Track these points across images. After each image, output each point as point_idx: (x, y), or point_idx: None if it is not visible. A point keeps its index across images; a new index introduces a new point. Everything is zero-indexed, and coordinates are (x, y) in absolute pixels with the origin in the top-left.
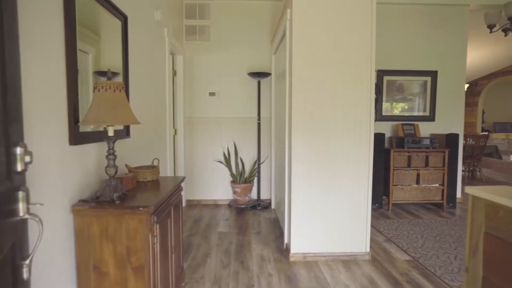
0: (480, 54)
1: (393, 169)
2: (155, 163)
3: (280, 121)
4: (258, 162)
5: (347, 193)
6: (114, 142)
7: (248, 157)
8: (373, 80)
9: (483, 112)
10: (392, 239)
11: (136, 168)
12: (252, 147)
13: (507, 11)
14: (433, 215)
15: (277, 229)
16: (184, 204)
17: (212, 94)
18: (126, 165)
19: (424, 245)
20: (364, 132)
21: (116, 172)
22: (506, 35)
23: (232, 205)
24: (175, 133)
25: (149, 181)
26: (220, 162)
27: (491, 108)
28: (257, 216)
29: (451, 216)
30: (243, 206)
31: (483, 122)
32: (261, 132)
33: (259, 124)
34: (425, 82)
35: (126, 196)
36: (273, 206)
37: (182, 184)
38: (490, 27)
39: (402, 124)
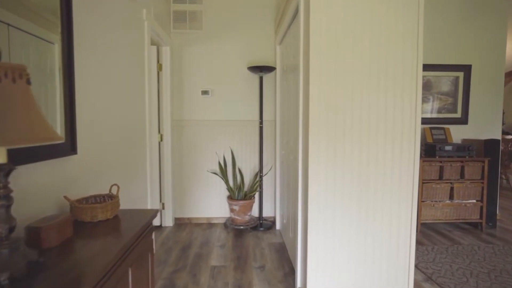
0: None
1: (422, 182)
2: (114, 190)
3: (287, 125)
4: (260, 174)
5: (384, 222)
6: (6, 174)
7: (248, 168)
8: (420, 78)
9: (503, 113)
10: (434, 277)
11: (80, 201)
12: (253, 156)
13: None
14: (473, 239)
15: (285, 261)
16: (171, 223)
17: (205, 92)
18: (65, 197)
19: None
20: (407, 143)
21: (11, 230)
22: None
23: (229, 226)
24: (161, 139)
25: (102, 221)
26: (215, 173)
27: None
28: (259, 240)
29: (494, 240)
30: (242, 227)
31: (503, 123)
32: (263, 138)
33: (261, 129)
34: (457, 78)
35: (41, 264)
36: (278, 226)
37: (168, 201)
38: None
39: (431, 128)
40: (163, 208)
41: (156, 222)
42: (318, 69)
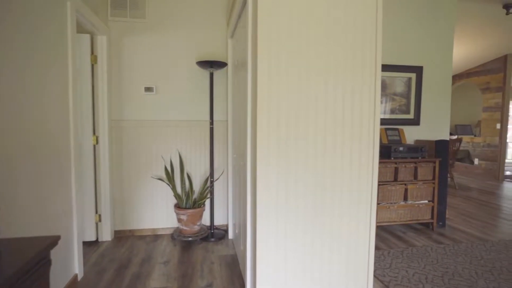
0: (455, 51)
1: (378, 184)
2: None
3: (238, 126)
4: (211, 179)
5: (342, 230)
6: None
7: (198, 173)
8: (379, 79)
9: None
10: (391, 286)
11: None
12: (203, 159)
13: None
14: (426, 240)
15: (236, 276)
16: (109, 237)
17: (149, 89)
18: None
19: None
20: (366, 145)
21: None
22: None
23: (176, 237)
24: (96, 142)
25: None
26: (161, 179)
27: (455, 110)
28: (209, 253)
29: (445, 240)
30: (190, 238)
31: None
32: (214, 140)
33: (211, 130)
34: (410, 79)
35: None
36: (230, 235)
37: (106, 212)
38: (507, 7)
39: (386, 129)
40: (100, 220)
41: (91, 237)
42: (267, 65)
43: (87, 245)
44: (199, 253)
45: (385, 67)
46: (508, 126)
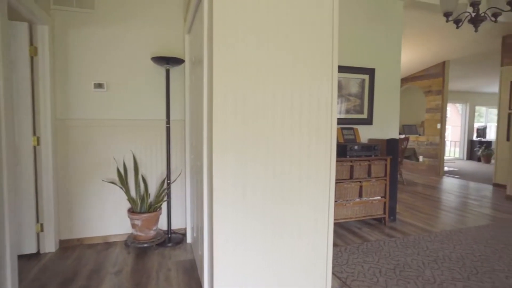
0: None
1: (335, 183)
2: None
3: (195, 126)
4: (167, 181)
5: (301, 230)
6: None
7: (154, 175)
8: (335, 79)
9: None
10: (348, 281)
11: None
12: (159, 161)
13: None
14: (379, 234)
15: (194, 282)
16: (53, 248)
17: (99, 86)
18: None
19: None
20: (323, 144)
21: None
22: (458, 27)
23: (130, 244)
24: (37, 143)
25: None
26: (113, 183)
27: (402, 111)
28: (166, 259)
29: (396, 233)
30: (146, 244)
31: None
32: (171, 140)
33: (168, 129)
34: (363, 80)
35: None
36: (189, 239)
37: (50, 221)
38: (447, 15)
39: (342, 128)
40: (42, 230)
41: (30, 249)
42: (223, 61)
43: (26, 258)
44: (155, 259)
45: (341, 68)
46: (446, 126)
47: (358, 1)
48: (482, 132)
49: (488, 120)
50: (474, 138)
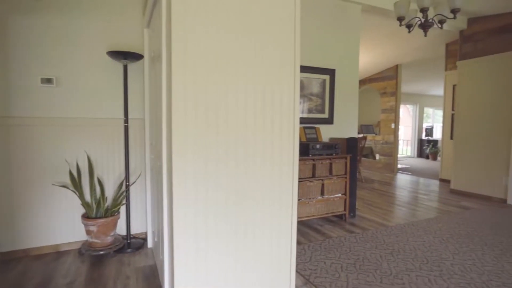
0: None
1: (298, 181)
2: None
3: (156, 124)
4: (126, 183)
5: (264, 230)
6: None
7: (111, 177)
8: (298, 79)
9: None
10: (311, 279)
11: None
12: (117, 162)
13: (419, 1)
14: (340, 230)
15: None
16: None
17: (47, 81)
18: None
19: (349, 282)
20: (286, 144)
21: None
22: (409, 32)
23: (85, 252)
24: None
25: None
26: (65, 186)
27: (360, 111)
28: (125, 266)
29: (356, 229)
30: (102, 251)
31: None
32: (130, 140)
33: (126, 129)
34: (324, 80)
35: None
36: (150, 244)
37: None
38: (400, 19)
39: (304, 128)
40: None
41: None
42: (182, 57)
43: None
44: (113, 267)
45: (303, 68)
46: (399, 126)
47: (319, 4)
48: (429, 131)
49: (435, 121)
50: (423, 137)
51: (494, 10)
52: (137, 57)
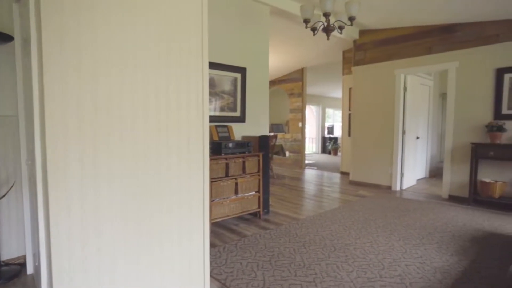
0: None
1: (211, 181)
2: None
3: (32, 124)
4: None
5: (173, 237)
6: None
7: None
8: (206, 70)
9: None
10: (227, 282)
11: None
12: None
13: (322, 5)
14: (255, 228)
15: None
16: None
17: None
18: None
19: (265, 280)
20: (195, 143)
21: None
22: (314, 35)
23: None
24: None
25: None
26: None
27: (270, 111)
28: None
29: (270, 225)
30: None
31: None
32: None
33: None
34: (236, 79)
35: None
36: (29, 270)
37: None
38: (306, 21)
39: (216, 126)
40: None
41: None
42: (59, 39)
43: None
44: None
45: (213, 65)
46: (306, 125)
47: (229, 2)
48: (331, 130)
49: (335, 120)
50: (326, 135)
51: (378, 25)
52: (6, 38)
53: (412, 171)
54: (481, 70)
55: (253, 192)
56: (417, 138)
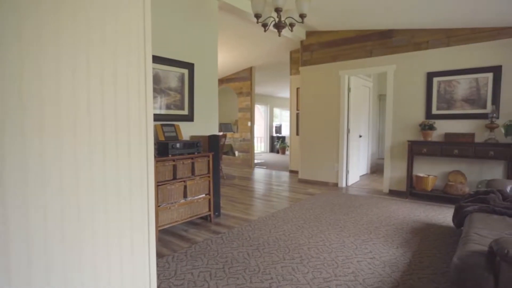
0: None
1: (157, 185)
2: None
3: None
4: None
5: (111, 254)
6: None
7: None
8: (149, 58)
9: None
10: None
11: None
12: None
13: (274, 0)
14: (206, 233)
15: None
16: None
17: None
18: None
19: None
20: (136, 144)
21: None
22: (265, 31)
23: None
24: None
25: None
26: None
27: (219, 110)
28: None
29: (222, 229)
30: None
31: None
32: None
33: None
34: (183, 74)
35: None
36: None
37: None
38: (257, 16)
39: (162, 125)
40: None
41: None
42: None
43: None
44: None
45: (158, 59)
46: (255, 125)
47: None
48: (278, 129)
49: (282, 120)
50: (274, 134)
51: (323, 27)
52: None
53: (356, 168)
54: (415, 73)
55: (203, 195)
56: (360, 136)
